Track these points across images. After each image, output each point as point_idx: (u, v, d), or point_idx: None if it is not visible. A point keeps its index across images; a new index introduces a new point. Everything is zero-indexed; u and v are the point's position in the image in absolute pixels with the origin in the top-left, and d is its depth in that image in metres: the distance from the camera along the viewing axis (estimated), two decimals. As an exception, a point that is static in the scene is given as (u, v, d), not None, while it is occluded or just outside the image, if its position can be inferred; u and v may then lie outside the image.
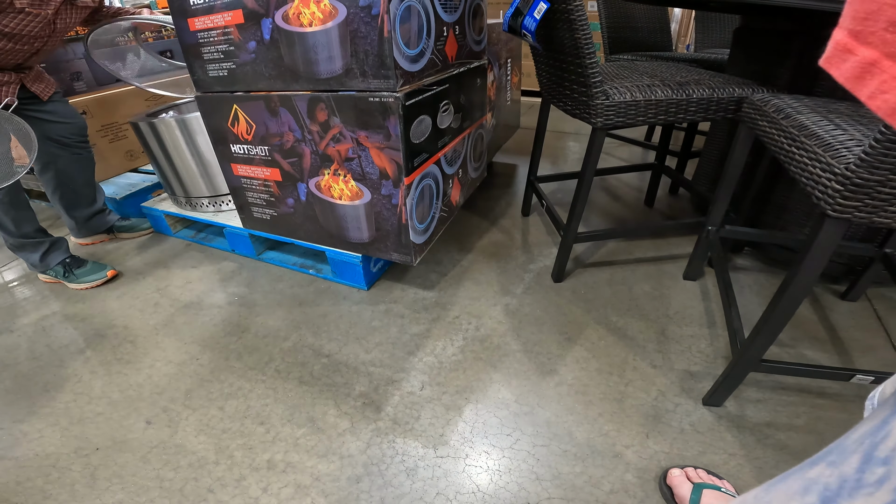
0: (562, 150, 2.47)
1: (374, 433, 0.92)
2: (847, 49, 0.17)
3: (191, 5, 1.05)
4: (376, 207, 1.13)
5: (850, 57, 0.17)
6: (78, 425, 0.98)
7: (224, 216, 1.56)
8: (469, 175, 1.51)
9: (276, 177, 1.23)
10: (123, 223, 1.71)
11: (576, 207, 1.18)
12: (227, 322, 1.25)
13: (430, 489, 0.81)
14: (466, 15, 1.23)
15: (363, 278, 1.31)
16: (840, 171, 0.62)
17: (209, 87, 1.17)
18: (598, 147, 1.08)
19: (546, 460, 0.85)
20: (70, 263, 1.44)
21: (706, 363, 1.03)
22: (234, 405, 1.00)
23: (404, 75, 0.96)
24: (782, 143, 0.79)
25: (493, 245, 1.54)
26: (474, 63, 1.35)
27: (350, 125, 1.03)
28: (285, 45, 0.99)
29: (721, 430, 0.89)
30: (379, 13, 0.87)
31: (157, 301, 1.35)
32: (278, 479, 0.84)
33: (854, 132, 0.67)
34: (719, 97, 1.03)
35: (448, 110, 1.20)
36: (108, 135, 1.89)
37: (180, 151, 1.48)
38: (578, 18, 0.95)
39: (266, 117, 1.12)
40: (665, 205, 1.80)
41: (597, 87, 1.00)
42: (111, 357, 1.16)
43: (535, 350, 1.09)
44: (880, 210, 0.62)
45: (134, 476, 0.87)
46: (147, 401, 1.03)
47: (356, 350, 1.12)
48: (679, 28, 3.63)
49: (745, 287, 1.27)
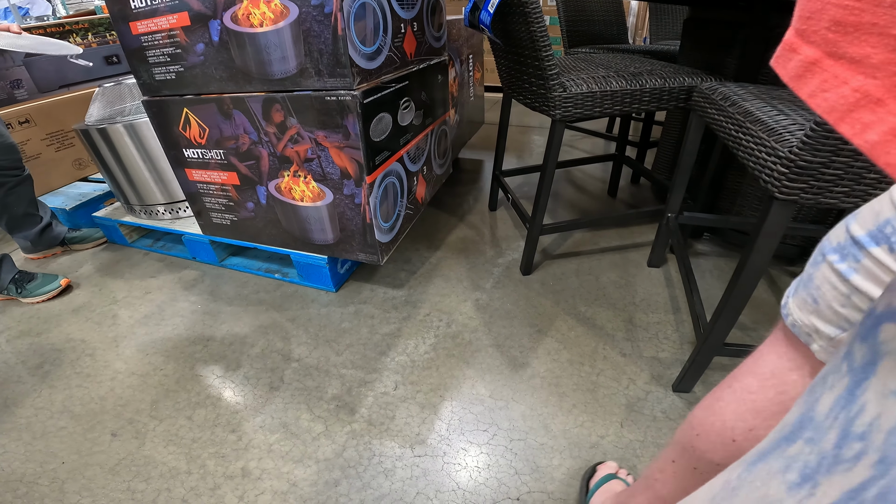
0: (527, 144, 2.49)
1: (350, 435, 0.91)
2: (792, 48, 0.17)
3: (132, 9, 1.00)
4: (339, 208, 1.11)
5: (794, 56, 0.17)
6: (41, 440, 0.94)
7: (182, 223, 1.51)
8: (434, 172, 1.51)
9: (233, 181, 1.19)
10: (75, 234, 1.63)
11: (540, 200, 1.19)
12: (190, 331, 1.21)
13: (409, 489, 0.81)
14: (425, 11, 1.22)
15: (330, 280, 1.29)
16: (784, 155, 0.64)
17: (157, 91, 1.12)
18: (559, 139, 1.10)
19: (524, 454, 0.86)
20: (20, 279, 1.37)
21: (673, 349, 1.06)
22: (202, 414, 0.97)
23: (361, 73, 0.95)
24: (730, 129, 0.82)
25: (461, 241, 1.55)
26: (434, 59, 1.35)
27: (308, 125, 1.01)
28: (236, 47, 0.96)
29: (690, 413, 0.91)
30: (332, 11, 0.85)
31: (116, 313, 1.30)
32: (254, 486, 0.83)
33: (797, 117, 0.70)
34: (670, 87, 1.06)
35: (409, 107, 1.19)
36: (54, 143, 1.80)
37: (131, 158, 1.42)
38: (533, 11, 0.95)
39: (219, 120, 1.08)
40: (627, 194, 1.84)
41: (554, 80, 1.01)
42: (70, 371, 1.11)
43: (507, 344, 1.10)
44: (825, 191, 0.65)
45: (104, 489, 0.84)
46: (111, 413, 0.99)
47: (327, 353, 1.11)
48: (636, 21, 3.71)
49: (706, 272, 1.31)
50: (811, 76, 0.16)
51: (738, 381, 0.43)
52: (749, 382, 0.42)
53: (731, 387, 0.44)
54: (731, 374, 0.45)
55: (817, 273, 0.37)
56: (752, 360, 0.43)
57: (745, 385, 0.42)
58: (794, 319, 0.39)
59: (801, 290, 0.39)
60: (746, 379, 0.43)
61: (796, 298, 0.39)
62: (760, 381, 0.41)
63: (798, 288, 0.39)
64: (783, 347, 0.40)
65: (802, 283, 0.39)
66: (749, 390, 0.42)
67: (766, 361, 0.42)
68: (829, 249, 0.36)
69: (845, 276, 0.34)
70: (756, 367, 0.42)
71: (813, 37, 0.16)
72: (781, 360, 0.40)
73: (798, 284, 0.40)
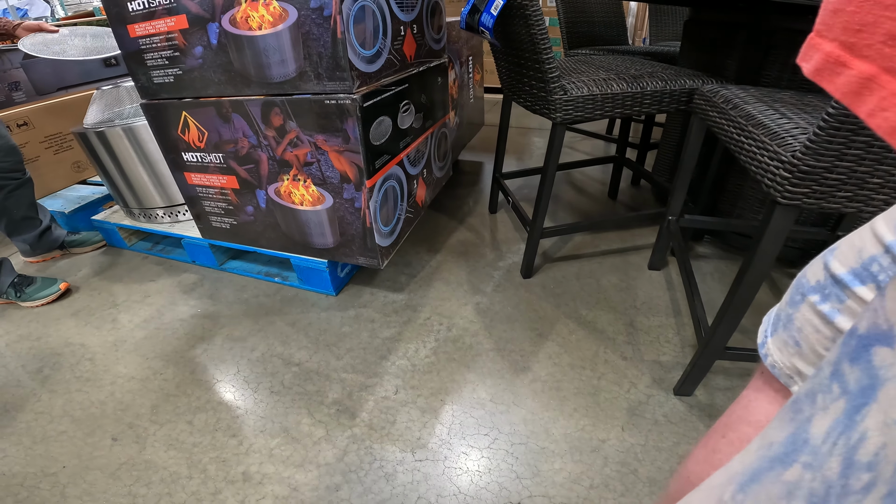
0: (527, 146, 2.49)
1: (351, 440, 0.90)
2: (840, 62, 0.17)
3: (129, 12, 1.00)
4: (339, 212, 1.11)
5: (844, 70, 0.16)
6: (42, 444, 0.94)
7: (181, 227, 1.50)
8: (434, 175, 1.50)
9: (233, 184, 1.19)
10: (74, 237, 1.62)
11: (540, 203, 1.19)
12: (190, 335, 1.20)
13: (410, 493, 0.80)
14: (424, 14, 1.22)
15: (331, 284, 1.28)
16: (787, 159, 0.64)
17: (155, 94, 1.12)
18: (559, 142, 1.09)
19: (525, 458, 0.85)
20: (19, 283, 1.36)
21: (675, 353, 1.06)
22: (203, 418, 0.97)
23: (361, 76, 0.94)
24: (731, 133, 0.81)
25: (461, 244, 1.54)
26: (434, 62, 1.34)
27: (307, 129, 1.00)
28: (234, 50, 0.96)
29: (693, 419, 0.91)
30: (331, 14, 0.85)
31: (115, 317, 1.29)
32: (255, 490, 0.82)
33: (799, 120, 0.70)
34: (671, 89, 1.06)
35: (409, 110, 1.19)
36: (53, 146, 1.79)
37: (129, 161, 1.42)
38: (534, 14, 0.95)
39: (218, 124, 1.08)
40: (628, 196, 1.84)
41: (554, 83, 1.01)
42: (70, 375, 1.10)
43: (508, 348, 1.10)
44: (828, 196, 0.64)
45: (105, 493, 0.84)
46: (111, 418, 0.99)
47: (327, 357, 1.10)
48: (636, 22, 3.71)
49: (707, 275, 1.30)
50: (868, 94, 0.15)
51: (733, 430, 0.40)
52: (745, 432, 0.39)
53: (725, 437, 0.41)
54: (721, 423, 0.42)
55: (797, 314, 0.34)
56: (742, 408, 0.41)
57: (741, 435, 0.39)
58: (774, 361, 0.37)
59: (780, 331, 0.36)
60: (741, 428, 0.40)
61: (776, 340, 0.37)
62: (758, 430, 0.38)
63: (777, 328, 0.37)
64: (771, 392, 0.38)
65: (782, 324, 0.36)
66: (748, 440, 0.39)
67: (757, 408, 0.39)
68: (808, 289, 0.34)
69: (829, 319, 0.31)
70: (748, 415, 0.40)
71: (866, 51, 0.15)
72: (774, 406, 0.38)
73: (776, 323, 0.37)
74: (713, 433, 0.43)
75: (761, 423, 0.39)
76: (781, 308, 0.37)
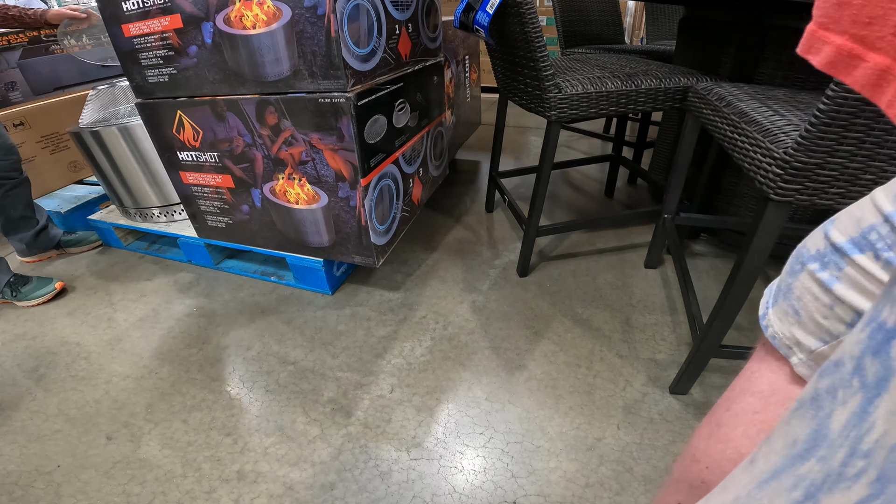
0: (523, 145, 2.49)
1: (346, 438, 0.90)
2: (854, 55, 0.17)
3: (124, 11, 1.00)
4: (334, 210, 1.10)
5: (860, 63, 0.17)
6: (36, 443, 0.94)
7: (177, 226, 1.50)
8: (430, 173, 1.50)
9: (228, 183, 1.19)
10: (70, 237, 1.62)
11: (536, 201, 1.19)
12: (186, 334, 1.20)
13: (405, 493, 0.80)
14: (419, 12, 1.21)
15: (326, 283, 1.28)
16: (779, 156, 0.64)
17: (150, 94, 1.12)
18: (554, 140, 1.09)
19: (520, 457, 0.85)
20: (14, 283, 1.36)
21: (670, 351, 1.06)
22: (198, 417, 0.97)
23: (355, 75, 0.94)
24: (725, 130, 0.81)
25: (457, 242, 1.54)
26: (430, 61, 1.34)
27: (302, 128, 1.00)
28: (229, 49, 0.95)
29: (689, 417, 0.91)
30: (325, 13, 0.85)
31: (111, 316, 1.29)
32: (250, 489, 0.82)
33: (792, 117, 0.70)
34: (666, 87, 1.06)
35: (404, 109, 1.19)
36: (49, 146, 1.79)
37: (125, 160, 1.42)
38: (528, 12, 0.95)
39: (213, 123, 1.08)
40: (624, 195, 1.84)
41: (549, 81, 1.01)
42: (65, 374, 1.10)
43: (504, 346, 1.10)
44: (821, 192, 0.64)
45: (99, 492, 0.84)
46: (106, 416, 0.99)
47: (323, 356, 1.10)
48: (633, 21, 3.71)
49: (703, 273, 1.31)
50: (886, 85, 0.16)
51: (736, 402, 0.40)
52: (750, 402, 0.39)
53: (729, 410, 0.41)
54: (724, 398, 0.42)
55: (796, 283, 0.35)
56: (745, 380, 0.41)
57: (746, 406, 0.39)
58: (775, 331, 0.37)
59: (780, 300, 0.37)
60: (745, 399, 0.40)
61: (776, 310, 0.37)
62: (762, 399, 0.38)
63: (777, 298, 0.37)
64: (773, 362, 0.38)
65: (782, 294, 0.37)
66: (753, 410, 0.39)
67: (759, 378, 0.39)
68: (807, 257, 0.34)
69: (827, 286, 0.32)
70: (752, 386, 0.40)
71: (879, 43, 0.16)
72: (777, 375, 0.38)
73: (776, 294, 0.38)
74: (717, 408, 0.43)
75: (764, 392, 0.39)
76: (782, 279, 0.38)
